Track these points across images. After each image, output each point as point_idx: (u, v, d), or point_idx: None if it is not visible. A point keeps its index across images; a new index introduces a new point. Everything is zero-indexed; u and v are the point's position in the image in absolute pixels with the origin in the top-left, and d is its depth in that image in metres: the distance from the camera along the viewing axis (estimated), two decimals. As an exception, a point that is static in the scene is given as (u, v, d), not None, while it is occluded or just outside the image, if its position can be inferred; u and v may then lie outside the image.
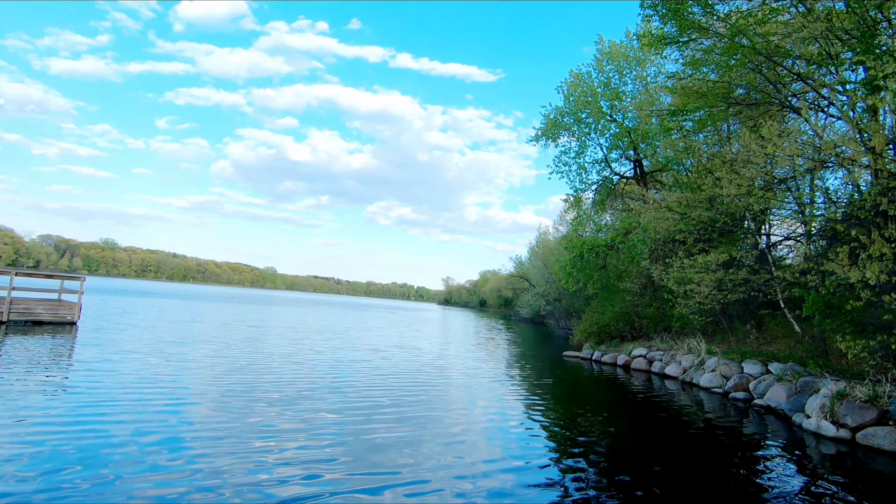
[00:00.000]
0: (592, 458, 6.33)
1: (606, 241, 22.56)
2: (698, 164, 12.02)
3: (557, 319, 38.06)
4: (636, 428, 8.43)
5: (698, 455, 6.89)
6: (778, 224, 15.40)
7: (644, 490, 5.24)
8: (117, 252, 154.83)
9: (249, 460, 5.13)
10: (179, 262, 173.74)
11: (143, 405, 6.88)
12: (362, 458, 5.45)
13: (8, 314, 13.94)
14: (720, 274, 11.44)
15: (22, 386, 7.30)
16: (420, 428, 6.91)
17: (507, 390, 10.84)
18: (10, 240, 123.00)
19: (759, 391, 10.50)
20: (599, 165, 24.90)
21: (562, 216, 45.68)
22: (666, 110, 14.62)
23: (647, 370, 15.36)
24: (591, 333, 21.57)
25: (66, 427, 5.67)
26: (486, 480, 5.12)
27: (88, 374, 8.58)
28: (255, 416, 6.85)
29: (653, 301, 20.31)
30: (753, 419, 9.38)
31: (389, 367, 12.43)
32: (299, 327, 22.55)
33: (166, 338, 14.29)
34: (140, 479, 4.43)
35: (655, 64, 23.53)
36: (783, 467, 6.62)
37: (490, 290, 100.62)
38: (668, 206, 12.60)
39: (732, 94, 13.68)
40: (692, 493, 5.31)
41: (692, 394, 11.87)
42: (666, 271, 14.49)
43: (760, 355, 12.07)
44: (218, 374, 9.68)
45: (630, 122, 23.71)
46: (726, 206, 11.96)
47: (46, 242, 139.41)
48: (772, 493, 5.46)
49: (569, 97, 24.08)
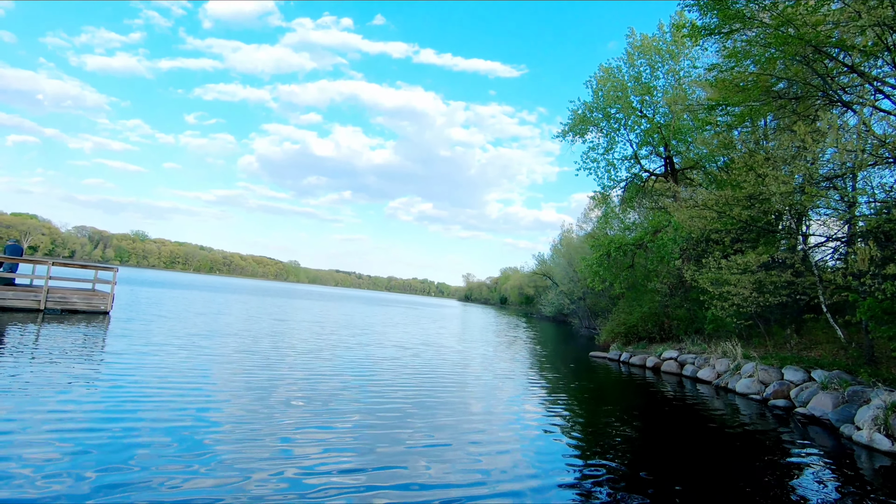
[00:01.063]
0: (621, 461, 6.07)
1: (635, 239, 22.00)
2: (738, 161, 11.49)
3: (581, 319, 37.49)
4: (668, 432, 8.10)
5: (736, 462, 6.55)
6: (818, 224, 14.73)
7: (677, 499, 4.97)
8: (147, 244, 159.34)
9: (277, 458, 5.05)
10: (206, 255, 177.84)
11: (171, 397, 6.90)
12: (387, 456, 5.32)
13: (45, 302, 14.33)
14: (760, 275, 10.94)
15: (57, 374, 7.41)
16: (447, 427, 6.76)
17: (534, 391, 10.60)
18: (48, 230, 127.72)
19: (801, 399, 10.02)
20: (628, 162, 24.29)
21: (586, 214, 44.92)
22: (703, 105, 14.07)
23: (677, 373, 14.88)
24: (618, 334, 21.09)
25: (96, 417, 5.69)
26: (510, 484, 4.92)
27: (119, 364, 8.69)
28: (284, 412, 6.80)
29: (683, 302, 19.72)
30: (796, 428, 8.94)
31: (419, 364, 12.32)
32: (325, 322, 22.69)
33: (195, 330, 14.48)
34: (166, 473, 4.38)
35: (689, 57, 22.77)
36: (832, 480, 6.24)
37: (511, 288, 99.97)
38: (704, 204, 12.11)
39: (773, 87, 13.08)
40: (729, 500, 5.02)
41: (727, 399, 11.42)
42: (699, 271, 13.99)
43: (802, 361, 11.53)
44: (246, 368, 9.71)
45: (661, 118, 23.03)
46: (769, 204, 11.43)
47: (81, 234, 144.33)
48: None
49: (598, 92, 23.51)
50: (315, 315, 26.76)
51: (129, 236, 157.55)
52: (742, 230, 12.58)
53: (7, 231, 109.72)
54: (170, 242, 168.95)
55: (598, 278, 22.34)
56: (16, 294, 14.08)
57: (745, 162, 11.21)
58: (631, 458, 6.36)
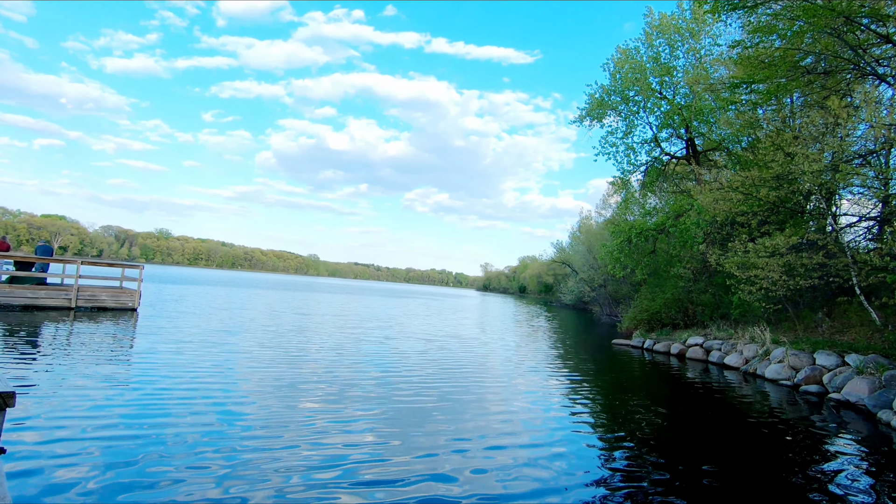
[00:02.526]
0: (648, 449, 5.97)
1: (656, 224, 21.57)
2: (765, 140, 11.07)
3: (602, 306, 37.10)
4: (696, 420, 7.95)
5: (768, 449, 6.38)
6: (849, 203, 14.18)
7: (704, 486, 4.86)
8: (171, 241, 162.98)
9: (308, 457, 5.10)
10: (228, 251, 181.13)
11: (199, 390, 7.03)
12: (416, 446, 5.32)
13: (76, 301, 14.75)
14: (790, 258, 10.58)
15: (92, 369, 7.62)
16: (472, 419, 6.75)
17: (558, 379, 10.51)
18: (77, 231, 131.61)
19: (834, 384, 9.72)
20: (648, 145, 23.73)
21: (605, 200, 44.21)
22: (726, 83, 13.59)
23: (703, 360, 14.60)
24: (641, 321, 20.79)
25: (128, 413, 5.83)
26: (534, 470, 4.88)
27: (149, 359, 8.89)
28: (311, 405, 6.87)
29: (708, 287, 19.31)
30: (829, 414, 8.69)
31: (445, 356, 12.32)
32: (348, 315, 22.88)
33: (220, 325, 14.75)
34: (195, 467, 4.45)
35: (710, 35, 22.07)
36: (869, 466, 6.03)
37: (530, 276, 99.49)
38: (730, 186, 11.74)
39: (800, 62, 12.56)
40: (764, 489, 4.88)
41: (756, 385, 11.16)
42: (724, 255, 13.63)
43: (835, 345, 11.18)
44: (272, 362, 9.84)
45: (682, 99, 22.42)
46: (797, 184, 11.03)
47: (108, 233, 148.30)
48: (857, 491, 4.96)
49: (615, 74, 22.96)
50: (337, 308, 27.04)
51: (154, 234, 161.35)
52: (769, 212, 12.18)
53: (38, 232, 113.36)
54: (192, 239, 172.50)
55: (619, 265, 22.00)
56: (48, 293, 14.53)
57: (773, 141, 10.80)
58: (658, 446, 6.25)
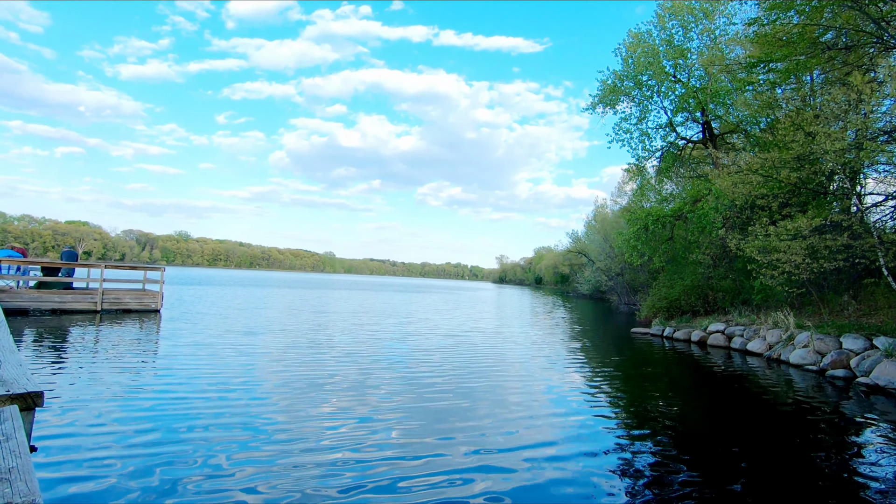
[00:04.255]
0: (671, 437, 5.91)
1: (673, 210, 21.22)
2: (785, 120, 10.77)
3: (620, 295, 36.75)
4: (721, 408, 7.84)
5: (796, 435, 6.27)
6: (875, 182, 13.75)
7: (735, 475, 4.79)
8: (190, 243, 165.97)
9: (333, 460, 5.16)
10: (246, 251, 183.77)
11: (223, 393, 7.16)
12: (434, 444, 5.36)
13: (101, 304, 15.13)
14: (813, 240, 10.32)
15: (120, 370, 7.82)
16: (493, 411, 6.76)
17: (580, 370, 10.46)
18: (99, 236, 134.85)
19: (862, 368, 9.49)
20: (664, 130, 23.29)
21: (620, 188, 43.64)
22: (744, 63, 13.24)
23: (726, 346, 14.38)
24: (660, 309, 20.53)
25: (151, 415, 5.97)
26: (561, 467, 4.87)
27: (175, 358, 9.09)
28: (337, 409, 6.95)
29: (728, 273, 18.99)
30: (858, 399, 8.50)
31: (472, 354, 12.36)
32: (368, 312, 23.00)
33: (242, 325, 14.99)
34: (218, 475, 4.55)
35: (725, 14, 21.51)
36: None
37: (546, 267, 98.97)
38: (749, 169, 11.46)
39: (820, 38, 12.17)
40: (795, 478, 4.80)
41: (781, 371, 10.96)
42: (745, 240, 13.36)
43: (862, 328, 10.90)
44: (296, 361, 9.96)
45: (697, 81, 21.93)
46: (819, 164, 10.73)
47: (129, 237, 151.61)
48: (890, 478, 4.84)
49: (627, 59, 22.54)
50: (355, 305, 27.25)
51: (174, 237, 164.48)
52: (791, 194, 11.88)
53: (63, 238, 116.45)
54: (211, 241, 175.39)
55: (636, 252, 21.72)
56: (74, 297, 14.92)
57: (793, 121, 10.51)
58: (685, 436, 6.19)
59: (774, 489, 4.59)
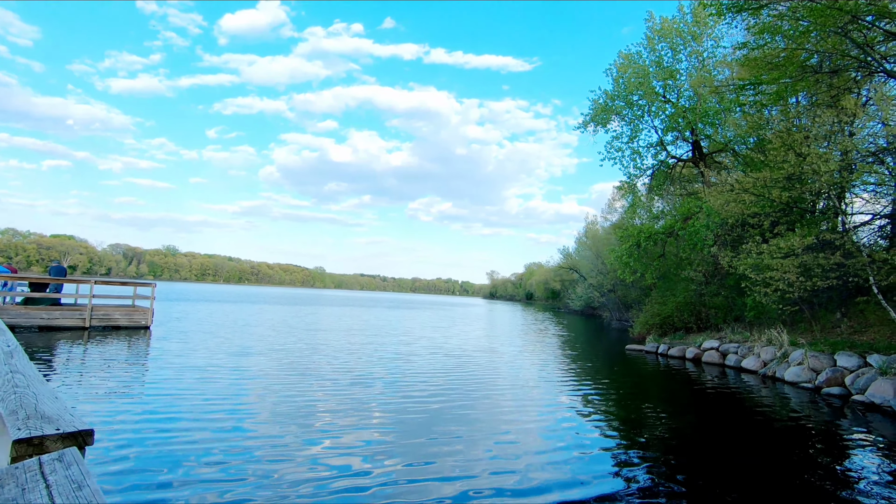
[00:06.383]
0: (666, 455, 5.87)
1: (664, 227, 21.47)
2: (776, 141, 11.01)
3: (612, 311, 36.86)
4: (717, 426, 7.83)
5: (792, 454, 6.27)
6: (861, 202, 14.05)
7: (730, 495, 4.76)
8: (178, 258, 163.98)
9: (325, 483, 5.05)
10: (235, 266, 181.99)
11: (216, 414, 7.01)
12: (427, 460, 5.27)
13: (90, 320, 14.82)
14: (806, 258, 10.46)
15: (107, 388, 7.62)
16: (497, 431, 6.68)
17: (576, 387, 10.41)
18: (85, 249, 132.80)
19: (858, 386, 9.56)
20: (654, 149, 23.70)
21: (610, 204, 44.10)
22: (731, 86, 13.56)
23: (720, 363, 14.43)
24: (653, 325, 20.62)
25: (141, 436, 5.81)
26: (550, 479, 4.81)
27: (165, 377, 8.89)
28: (327, 431, 6.83)
29: (720, 289, 19.15)
30: (854, 417, 8.54)
31: (469, 373, 12.24)
32: (366, 330, 22.71)
33: (234, 342, 14.76)
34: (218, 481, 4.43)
35: (713, 37, 22.12)
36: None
37: (537, 283, 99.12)
38: (742, 188, 11.67)
39: (806, 62, 12.53)
40: (791, 496, 4.78)
41: (776, 389, 11.01)
42: (737, 257, 13.52)
43: (855, 346, 11.02)
44: (289, 383, 9.79)
45: (686, 102, 22.41)
46: (808, 184, 10.94)
47: (116, 251, 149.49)
48: (888, 497, 4.84)
49: (618, 80, 23.01)
50: (348, 323, 27.00)
51: (161, 251, 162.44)
52: (781, 213, 12.08)
53: (48, 252, 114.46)
54: (200, 255, 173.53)
55: (628, 269, 21.86)
56: (63, 313, 14.61)
57: (784, 141, 10.74)
58: (681, 453, 6.15)
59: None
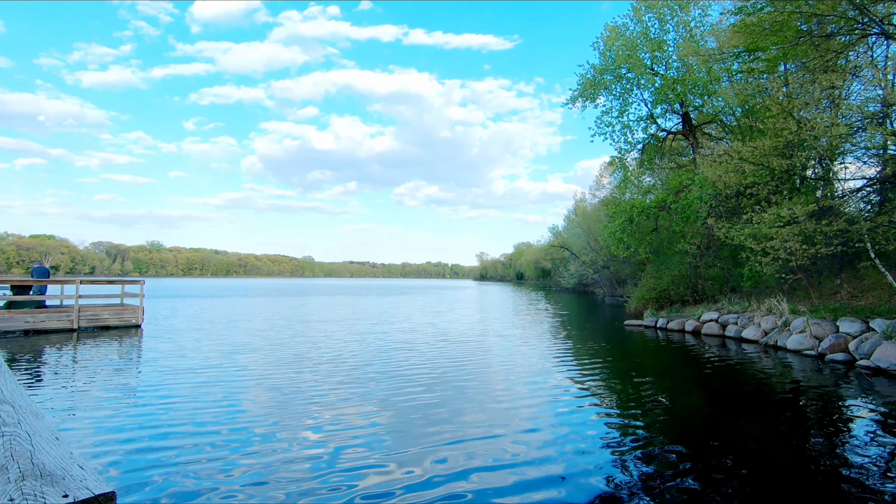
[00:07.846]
0: (673, 428, 5.77)
1: (656, 201, 21.39)
2: (774, 108, 10.83)
3: (606, 287, 37.05)
4: (723, 397, 7.77)
5: (800, 422, 6.22)
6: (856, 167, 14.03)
7: (739, 465, 4.66)
8: (163, 253, 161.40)
9: (328, 482, 4.85)
10: (222, 259, 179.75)
11: (214, 414, 6.75)
12: (429, 442, 5.09)
13: (78, 321, 14.36)
14: (808, 225, 10.39)
15: (103, 391, 7.31)
16: (499, 411, 6.52)
17: (582, 365, 10.31)
18: (67, 249, 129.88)
19: (862, 351, 9.60)
20: (644, 122, 23.47)
21: (598, 181, 44.07)
22: (728, 52, 13.31)
23: (720, 335, 14.49)
24: (649, 300, 20.68)
25: (136, 440, 5.55)
26: (550, 462, 4.67)
27: (161, 376, 8.58)
28: (329, 425, 6.62)
29: (715, 261, 19.21)
30: (860, 382, 8.56)
31: (468, 355, 12.09)
32: (363, 318, 22.38)
33: (228, 338, 14.44)
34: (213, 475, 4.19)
35: (699, 5, 21.79)
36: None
37: (527, 263, 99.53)
38: (741, 157, 11.51)
39: (800, 26, 12.32)
40: (802, 465, 4.70)
41: (778, 357, 11.04)
42: (734, 228, 13.45)
43: (856, 311, 11.06)
44: (285, 377, 9.55)
45: (675, 73, 22.15)
46: (806, 150, 10.82)
47: (98, 249, 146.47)
48: None
49: (606, 53, 22.63)
50: (341, 313, 26.73)
51: (146, 247, 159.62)
52: (779, 181, 11.99)
53: (28, 253, 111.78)
54: (185, 250, 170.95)
55: (622, 245, 21.80)
56: (49, 316, 14.12)
57: (783, 108, 10.57)
58: (687, 426, 6.06)
59: (785, 475, 4.47)
